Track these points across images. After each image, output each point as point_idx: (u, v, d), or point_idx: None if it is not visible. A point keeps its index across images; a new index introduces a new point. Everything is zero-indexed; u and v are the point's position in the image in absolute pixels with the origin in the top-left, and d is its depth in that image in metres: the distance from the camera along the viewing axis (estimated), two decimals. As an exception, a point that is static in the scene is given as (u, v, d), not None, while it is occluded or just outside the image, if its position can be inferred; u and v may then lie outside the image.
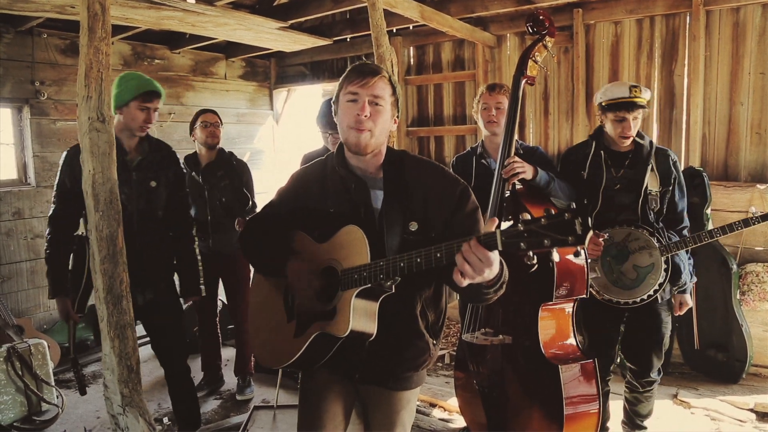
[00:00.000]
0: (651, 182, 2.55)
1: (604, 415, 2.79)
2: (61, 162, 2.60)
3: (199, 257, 2.89)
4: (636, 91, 2.48)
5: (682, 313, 2.71)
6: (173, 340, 2.79)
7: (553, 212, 1.17)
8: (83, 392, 2.84)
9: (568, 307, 2.47)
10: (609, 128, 2.58)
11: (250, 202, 3.64)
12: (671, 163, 2.59)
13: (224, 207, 3.54)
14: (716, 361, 3.66)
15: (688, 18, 3.89)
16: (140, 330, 2.65)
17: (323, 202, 1.68)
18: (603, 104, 2.56)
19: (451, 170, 2.85)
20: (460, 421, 3.10)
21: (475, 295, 1.49)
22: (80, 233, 2.63)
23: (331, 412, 1.73)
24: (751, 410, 3.21)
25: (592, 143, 2.65)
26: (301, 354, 1.57)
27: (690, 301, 2.69)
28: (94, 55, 2.00)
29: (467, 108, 4.99)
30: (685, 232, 2.62)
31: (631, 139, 2.56)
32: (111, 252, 2.07)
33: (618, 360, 2.86)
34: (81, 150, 2.07)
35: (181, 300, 2.93)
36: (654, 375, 2.67)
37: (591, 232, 1.13)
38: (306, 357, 1.59)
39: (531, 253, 1.21)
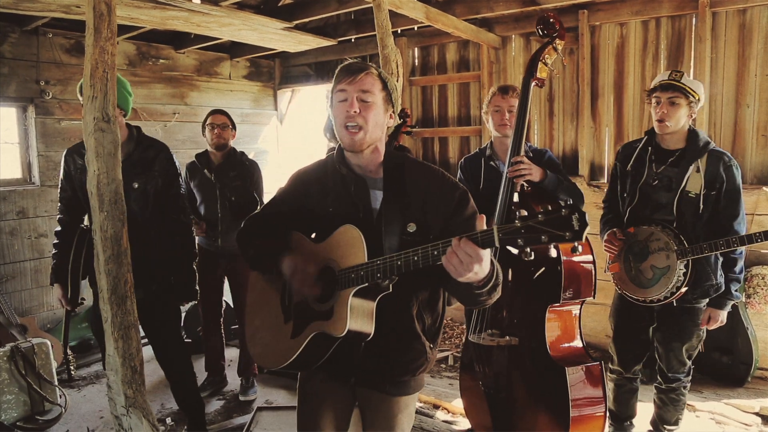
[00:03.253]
0: (692, 183, 2.39)
1: (628, 411, 2.77)
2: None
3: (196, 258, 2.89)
4: (676, 75, 2.42)
5: (710, 328, 2.51)
6: (168, 341, 2.80)
7: (550, 208, 1.16)
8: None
9: (575, 309, 2.46)
10: (652, 116, 2.48)
11: (258, 204, 3.64)
12: (723, 167, 2.38)
13: (234, 206, 3.53)
14: (721, 364, 3.65)
15: (694, 19, 3.87)
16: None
17: (322, 201, 1.69)
18: (647, 91, 2.53)
19: (458, 171, 2.88)
20: (463, 423, 3.09)
21: (469, 297, 1.47)
22: (84, 225, 2.70)
23: (330, 416, 1.73)
24: (757, 414, 3.19)
25: (644, 138, 2.60)
26: (298, 354, 1.57)
27: (723, 318, 2.49)
28: (99, 55, 1.99)
29: (472, 109, 4.97)
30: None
31: (670, 127, 2.41)
32: (116, 252, 2.07)
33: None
34: (86, 150, 2.07)
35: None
36: (675, 375, 2.57)
37: (587, 229, 1.11)
38: (304, 358, 1.59)
39: (528, 250, 1.20)
